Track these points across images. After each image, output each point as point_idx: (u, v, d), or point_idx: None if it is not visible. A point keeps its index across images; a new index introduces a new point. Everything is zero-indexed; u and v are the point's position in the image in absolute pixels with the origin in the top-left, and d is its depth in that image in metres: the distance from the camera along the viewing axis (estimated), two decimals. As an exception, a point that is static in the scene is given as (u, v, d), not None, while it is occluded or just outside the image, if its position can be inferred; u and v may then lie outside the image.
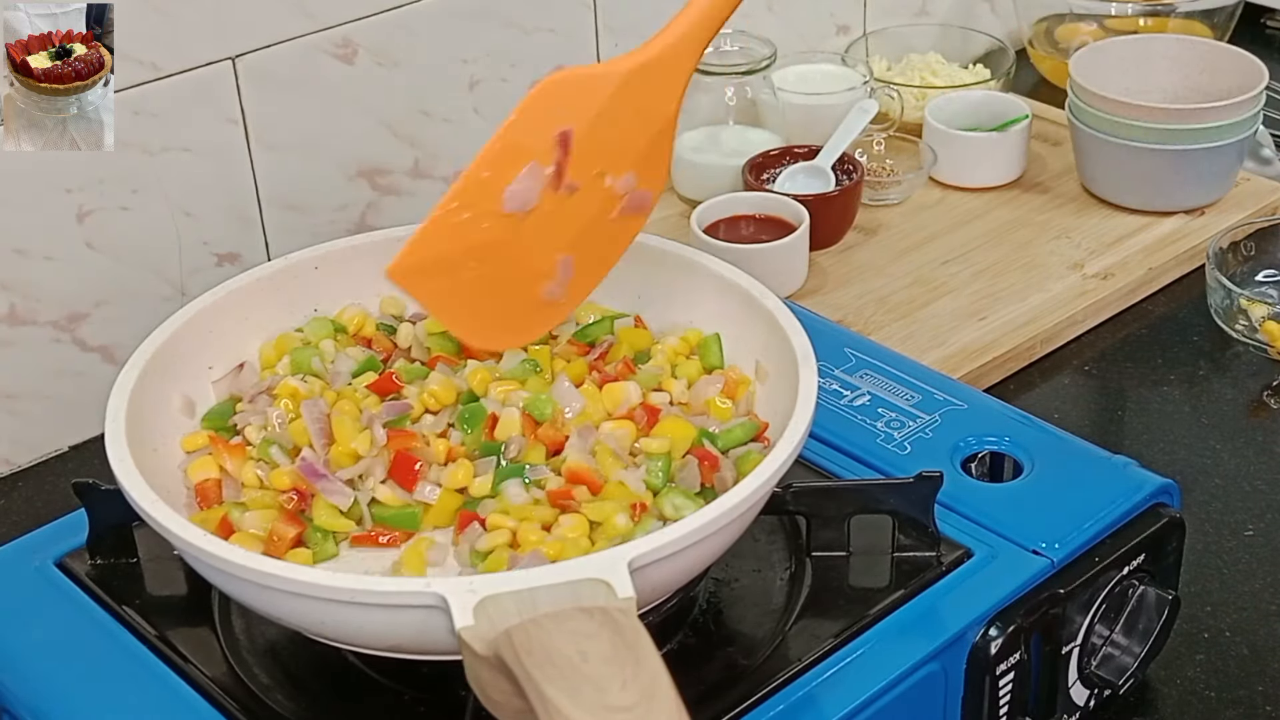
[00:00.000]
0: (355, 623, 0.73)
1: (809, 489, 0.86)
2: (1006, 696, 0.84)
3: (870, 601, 0.83)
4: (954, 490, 0.89)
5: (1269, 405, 1.19)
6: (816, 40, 1.57)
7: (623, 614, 0.66)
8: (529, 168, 0.76)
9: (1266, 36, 1.74)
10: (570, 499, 0.80)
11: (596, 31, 1.38)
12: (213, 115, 1.18)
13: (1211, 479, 1.11)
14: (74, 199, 1.13)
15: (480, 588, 0.68)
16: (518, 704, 0.64)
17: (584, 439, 0.84)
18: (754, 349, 0.90)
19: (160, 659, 0.82)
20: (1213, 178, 1.37)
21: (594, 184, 0.77)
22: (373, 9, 1.23)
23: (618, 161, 0.77)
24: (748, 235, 1.29)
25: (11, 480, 1.16)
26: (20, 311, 1.13)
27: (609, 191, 0.78)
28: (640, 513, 0.80)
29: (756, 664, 0.80)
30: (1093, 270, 1.31)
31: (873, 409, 0.97)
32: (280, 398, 0.87)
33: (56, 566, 0.88)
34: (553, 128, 0.75)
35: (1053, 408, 1.19)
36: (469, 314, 0.77)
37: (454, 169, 1.33)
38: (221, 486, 0.84)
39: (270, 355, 0.92)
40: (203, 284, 1.05)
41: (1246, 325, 1.24)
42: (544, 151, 0.76)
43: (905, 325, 1.25)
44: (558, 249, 0.77)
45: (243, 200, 1.22)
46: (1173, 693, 0.94)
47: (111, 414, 0.82)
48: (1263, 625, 0.98)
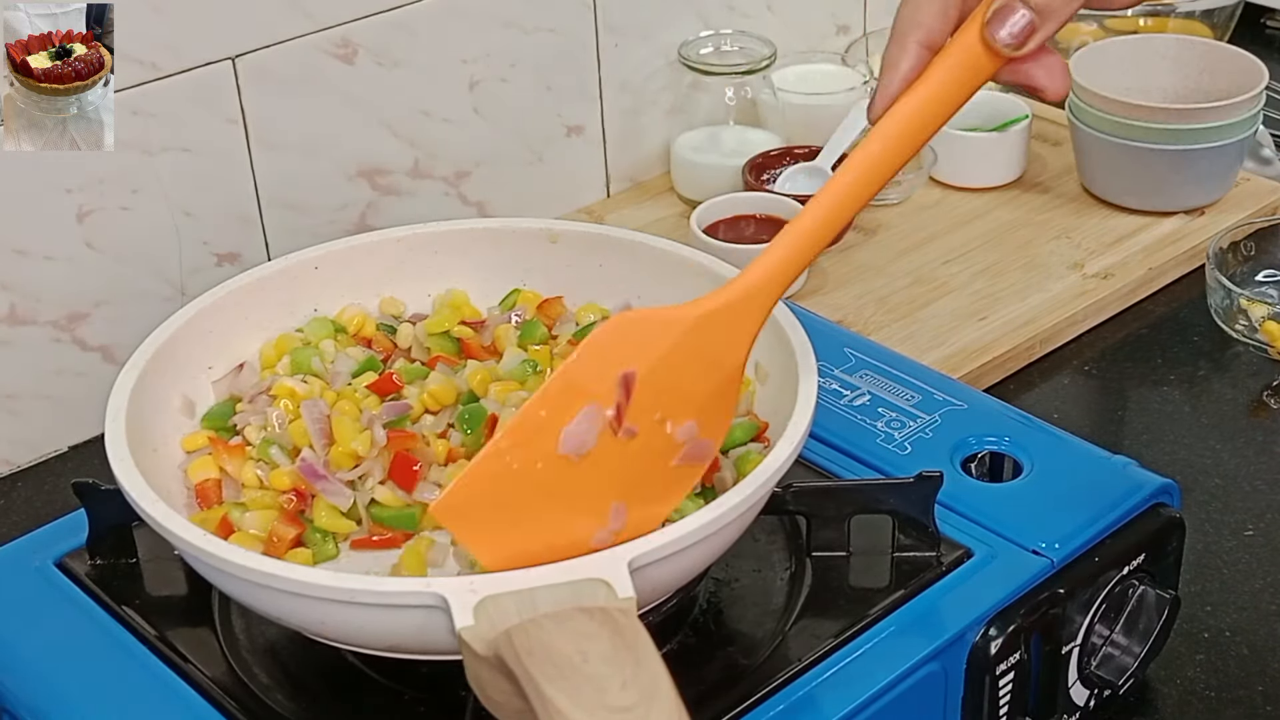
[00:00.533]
0: (355, 623, 0.73)
1: (809, 489, 0.86)
2: (1006, 696, 0.84)
3: (870, 601, 0.83)
4: (954, 490, 0.89)
5: (1269, 405, 1.19)
6: (816, 40, 1.57)
7: (623, 614, 0.66)
8: (588, 409, 0.71)
9: (1266, 36, 1.74)
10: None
11: (596, 31, 1.38)
12: (212, 115, 1.18)
13: (1211, 479, 1.11)
14: (74, 199, 1.13)
15: (480, 588, 0.68)
16: (518, 704, 0.64)
17: None
18: (753, 350, 0.90)
19: (160, 659, 0.82)
20: (1213, 178, 1.37)
21: (654, 430, 0.73)
22: (373, 9, 1.23)
23: (680, 408, 0.73)
24: (748, 235, 1.29)
25: (11, 480, 1.16)
26: (20, 311, 1.13)
27: (669, 438, 0.73)
28: None
29: (756, 664, 0.80)
30: (1093, 270, 1.31)
31: (873, 409, 0.97)
32: (279, 398, 0.87)
33: (56, 566, 0.88)
34: (616, 369, 0.72)
35: (1053, 408, 1.19)
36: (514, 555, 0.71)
37: (454, 169, 1.33)
38: (221, 487, 0.84)
39: (270, 355, 0.92)
40: (203, 284, 1.05)
41: (1246, 325, 1.24)
42: (604, 393, 0.71)
43: (905, 325, 1.25)
44: (612, 495, 0.72)
45: (243, 200, 1.22)
46: (1173, 693, 0.94)
47: (111, 414, 0.82)
48: (1263, 625, 0.98)
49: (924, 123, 0.73)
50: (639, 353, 0.72)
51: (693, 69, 1.41)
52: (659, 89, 1.45)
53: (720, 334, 0.74)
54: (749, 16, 1.49)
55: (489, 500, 0.71)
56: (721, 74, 1.41)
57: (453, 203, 1.34)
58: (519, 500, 0.72)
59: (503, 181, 1.37)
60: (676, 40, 1.43)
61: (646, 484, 0.73)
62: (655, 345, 0.72)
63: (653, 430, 0.73)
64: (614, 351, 0.72)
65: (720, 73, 1.41)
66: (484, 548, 0.71)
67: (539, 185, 1.40)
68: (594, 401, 0.71)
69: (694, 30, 1.44)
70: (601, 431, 0.72)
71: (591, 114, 1.42)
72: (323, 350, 0.91)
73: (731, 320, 0.74)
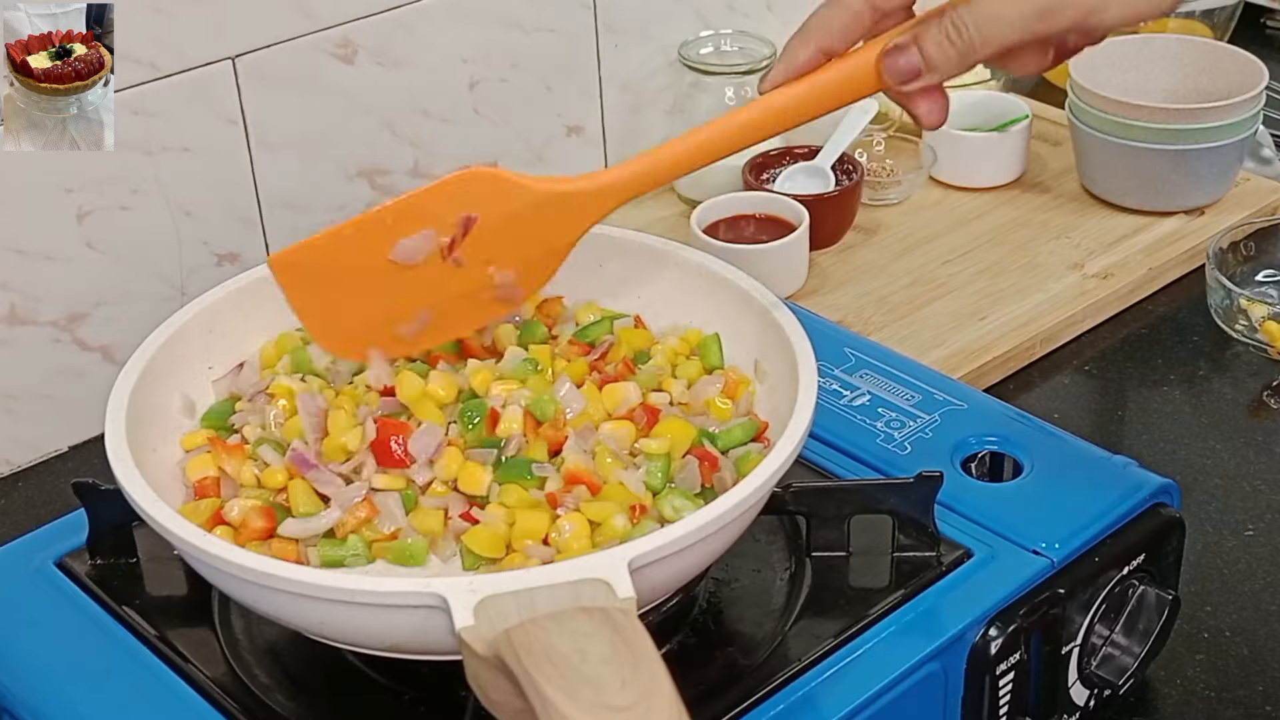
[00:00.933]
0: (355, 623, 0.73)
1: (809, 489, 0.86)
2: (1006, 696, 0.84)
3: (870, 601, 0.83)
4: (954, 490, 0.89)
5: (1269, 405, 1.19)
6: (816, 40, 1.57)
7: (622, 614, 0.66)
8: (426, 232, 0.83)
9: (1266, 36, 1.74)
10: (563, 502, 0.80)
11: (596, 31, 1.38)
12: (213, 115, 1.18)
13: (1211, 479, 1.11)
14: (74, 199, 1.13)
15: (480, 588, 0.68)
16: (517, 704, 0.64)
17: (583, 440, 0.84)
18: (754, 349, 0.90)
19: (160, 659, 0.82)
20: (1213, 178, 1.37)
21: (478, 267, 0.84)
22: (373, 9, 1.23)
23: (506, 259, 0.84)
24: (748, 235, 1.29)
25: (11, 480, 1.16)
26: (20, 311, 1.13)
27: (489, 278, 0.84)
28: (639, 514, 0.80)
29: (756, 664, 0.80)
30: (1093, 270, 1.31)
31: (873, 409, 0.97)
32: (277, 397, 0.87)
33: (56, 566, 0.88)
34: (461, 209, 0.82)
35: (1053, 408, 1.19)
36: (325, 322, 0.85)
37: (454, 168, 1.32)
38: (220, 485, 0.84)
39: (270, 355, 0.92)
40: (203, 284, 1.05)
41: (1246, 325, 1.24)
42: (446, 225, 0.83)
43: (905, 325, 1.25)
44: (424, 303, 0.85)
45: (243, 200, 1.22)
46: (1173, 693, 0.94)
47: (111, 414, 0.82)
48: (1263, 625, 0.98)
49: (802, 108, 0.80)
50: (487, 205, 0.82)
51: (693, 69, 1.41)
52: (659, 89, 1.46)
53: (560, 215, 0.84)
54: (749, 16, 1.49)
55: (320, 272, 0.84)
56: (721, 74, 1.41)
57: (453, 203, 1.34)
58: (344, 282, 0.84)
59: (503, 181, 1.37)
60: (676, 40, 1.43)
61: (455, 304, 0.85)
62: (503, 205, 0.83)
63: (477, 267, 0.84)
64: (466, 195, 0.82)
65: (720, 73, 1.41)
66: (305, 308, 0.85)
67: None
68: (434, 228, 0.83)
69: (694, 30, 1.44)
70: (432, 253, 0.83)
71: (591, 114, 1.42)
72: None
73: (574, 207, 0.84)
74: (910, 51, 0.77)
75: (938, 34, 0.76)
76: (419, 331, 0.86)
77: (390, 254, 0.83)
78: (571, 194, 0.83)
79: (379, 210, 0.83)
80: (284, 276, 0.85)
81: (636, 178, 0.83)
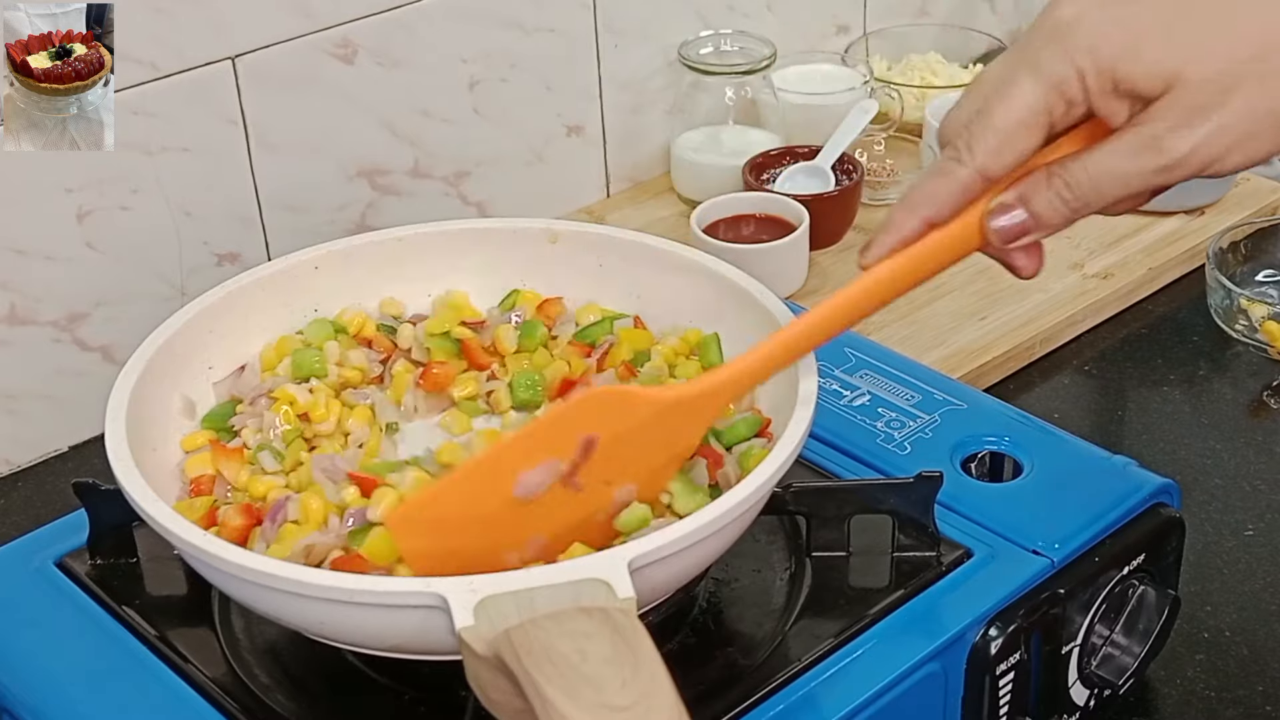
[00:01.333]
0: (355, 622, 0.73)
1: (809, 489, 0.86)
2: (1006, 696, 0.84)
3: (870, 601, 0.83)
4: (954, 490, 0.89)
5: (1269, 405, 1.19)
6: (816, 40, 1.57)
7: (622, 614, 0.66)
8: (549, 463, 0.77)
9: (1266, 36, 1.74)
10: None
11: (596, 31, 1.38)
12: (212, 115, 1.18)
13: (1211, 479, 1.11)
14: (74, 199, 1.13)
15: (480, 588, 0.68)
16: (517, 704, 0.64)
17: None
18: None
19: (160, 659, 0.82)
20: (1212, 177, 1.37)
21: (598, 488, 0.78)
22: (373, 9, 1.23)
23: (627, 474, 0.79)
24: (748, 235, 1.29)
25: (11, 480, 1.16)
26: (20, 311, 1.13)
27: (609, 496, 0.79)
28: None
29: (756, 664, 0.80)
30: (1093, 270, 1.31)
31: (873, 409, 0.97)
32: (280, 402, 0.87)
33: (56, 566, 0.88)
34: (582, 432, 0.77)
35: (1052, 408, 1.19)
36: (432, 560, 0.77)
37: (454, 169, 1.33)
38: (215, 484, 0.84)
39: (271, 358, 0.92)
40: (203, 284, 1.05)
41: (1246, 325, 1.24)
42: (567, 450, 0.77)
43: (905, 325, 1.25)
44: (541, 531, 0.78)
45: (243, 200, 1.22)
46: (1173, 693, 0.94)
47: (111, 414, 0.82)
48: (1263, 625, 0.98)
49: (908, 277, 0.77)
50: (607, 422, 0.77)
51: (693, 69, 1.41)
52: (659, 89, 1.46)
53: (684, 419, 0.79)
54: (749, 16, 1.49)
55: (437, 521, 0.77)
56: (721, 74, 1.41)
57: (453, 203, 1.34)
58: (460, 524, 0.77)
59: (503, 181, 1.37)
60: (676, 40, 1.43)
61: (572, 528, 0.78)
62: (624, 419, 0.77)
63: (597, 489, 0.78)
64: (588, 418, 0.77)
65: (720, 73, 1.41)
66: (415, 554, 0.77)
67: (539, 185, 1.40)
68: (556, 457, 0.77)
69: (694, 30, 1.44)
70: (553, 483, 0.77)
71: (591, 114, 1.42)
72: (327, 351, 0.91)
73: (698, 409, 0.79)
74: (1017, 212, 0.73)
75: (1049, 193, 0.73)
76: (526, 558, 0.79)
77: (513, 491, 0.77)
78: (695, 398, 0.79)
79: (498, 449, 0.78)
80: (401, 534, 0.77)
81: (751, 371, 0.79)
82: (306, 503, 0.80)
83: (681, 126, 1.44)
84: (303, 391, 0.88)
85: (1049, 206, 0.73)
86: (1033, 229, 0.74)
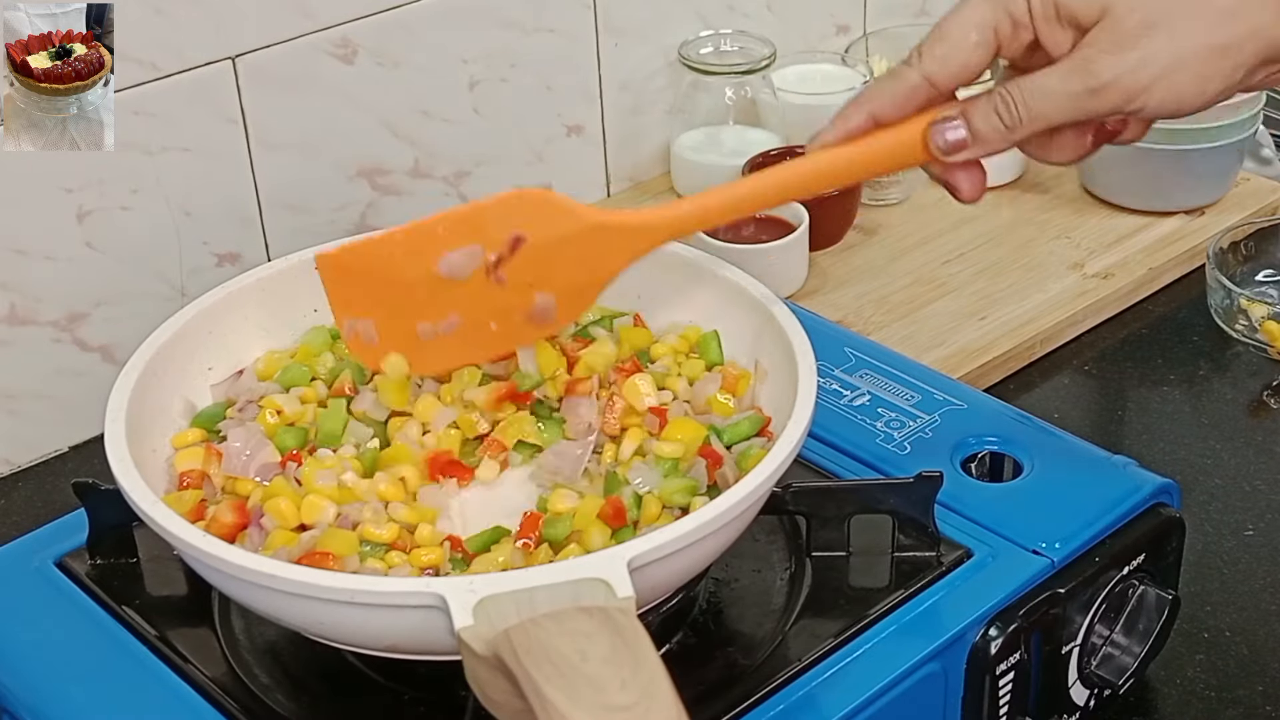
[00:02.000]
0: (354, 623, 0.73)
1: (809, 489, 0.86)
2: (1006, 696, 0.84)
3: (870, 601, 0.83)
4: (954, 490, 0.89)
5: (1269, 405, 1.19)
6: (816, 40, 1.57)
7: (622, 614, 0.66)
8: (474, 247, 0.83)
9: (1267, 36, 1.74)
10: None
11: (596, 31, 1.38)
12: (212, 115, 1.18)
13: (1211, 479, 1.11)
14: (74, 199, 1.13)
15: (480, 587, 0.68)
16: (517, 704, 0.64)
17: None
18: (753, 349, 0.90)
19: (160, 659, 0.82)
20: (1213, 178, 1.37)
21: (520, 288, 0.84)
22: (373, 9, 1.23)
23: (549, 282, 0.84)
24: (748, 235, 1.29)
25: (11, 480, 1.16)
26: (20, 311, 1.13)
27: (529, 298, 0.85)
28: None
29: (756, 664, 0.80)
30: (1093, 270, 1.31)
31: (873, 409, 0.97)
32: (266, 410, 0.87)
33: (56, 566, 0.88)
34: (512, 228, 0.83)
35: (1053, 408, 1.19)
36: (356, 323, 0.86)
37: (454, 169, 1.33)
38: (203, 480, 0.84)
39: (264, 370, 0.92)
40: (203, 284, 1.05)
41: (1246, 325, 1.24)
42: (494, 242, 0.83)
43: (905, 325, 1.25)
44: (460, 313, 0.85)
45: (243, 200, 1.22)
46: (1173, 693, 0.94)
47: (111, 414, 0.82)
48: (1263, 625, 0.98)
49: (848, 170, 0.82)
50: (538, 227, 0.83)
51: (693, 69, 1.41)
52: (659, 89, 1.46)
53: (608, 245, 0.84)
54: (749, 16, 1.49)
55: (363, 275, 0.85)
56: (721, 74, 1.41)
57: (453, 203, 1.34)
58: (385, 287, 0.85)
59: (503, 181, 1.37)
60: (676, 40, 1.43)
61: (488, 318, 0.85)
62: (554, 228, 0.83)
63: (520, 288, 0.84)
64: (519, 215, 0.83)
65: (720, 73, 1.41)
66: (342, 307, 0.86)
67: (539, 185, 1.40)
68: (483, 244, 0.83)
69: (694, 30, 1.44)
70: (477, 269, 0.83)
71: (591, 114, 1.42)
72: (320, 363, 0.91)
73: (623, 240, 0.84)
74: (957, 123, 0.78)
75: (986, 107, 0.77)
76: (442, 336, 0.86)
77: (436, 267, 0.84)
78: (620, 226, 0.84)
79: (431, 220, 0.84)
80: (328, 274, 0.86)
81: (681, 219, 0.84)
82: (276, 507, 0.80)
83: (681, 126, 1.44)
84: (291, 400, 0.87)
85: (985, 121, 0.78)
86: (970, 144, 0.78)
